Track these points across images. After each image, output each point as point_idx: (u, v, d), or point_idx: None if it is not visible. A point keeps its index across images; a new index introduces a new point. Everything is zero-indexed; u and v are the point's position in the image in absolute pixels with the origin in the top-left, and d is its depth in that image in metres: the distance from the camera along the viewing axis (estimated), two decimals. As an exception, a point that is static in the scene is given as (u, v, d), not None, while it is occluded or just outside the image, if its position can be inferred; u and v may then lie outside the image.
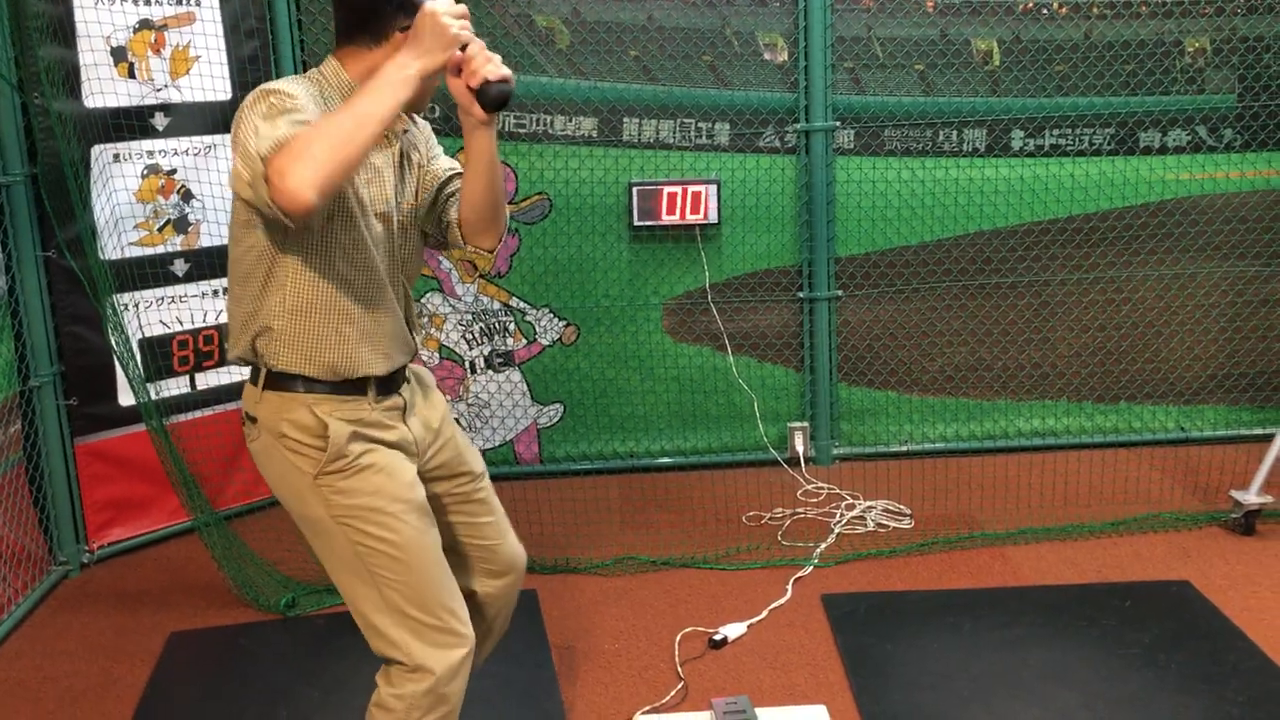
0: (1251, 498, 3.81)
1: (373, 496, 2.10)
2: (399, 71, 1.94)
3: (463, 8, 2.00)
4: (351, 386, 2.14)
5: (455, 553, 2.39)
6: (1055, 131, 4.54)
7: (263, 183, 1.85)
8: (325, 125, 1.88)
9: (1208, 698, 2.86)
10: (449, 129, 4.37)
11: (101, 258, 3.69)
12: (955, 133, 4.54)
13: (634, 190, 4.41)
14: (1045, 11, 4.46)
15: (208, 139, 4.06)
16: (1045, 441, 4.72)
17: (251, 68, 4.12)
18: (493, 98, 2.03)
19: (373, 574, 2.12)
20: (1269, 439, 3.93)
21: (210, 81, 4.03)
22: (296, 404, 2.10)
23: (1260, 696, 2.86)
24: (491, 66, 2.01)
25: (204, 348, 4.13)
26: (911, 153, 4.54)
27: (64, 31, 3.66)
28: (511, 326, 4.58)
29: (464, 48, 2.02)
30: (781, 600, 3.48)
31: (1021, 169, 4.55)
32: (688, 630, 3.31)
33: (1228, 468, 4.26)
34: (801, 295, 4.59)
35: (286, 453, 2.11)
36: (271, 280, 2.08)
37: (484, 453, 4.65)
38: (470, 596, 2.41)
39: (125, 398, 3.91)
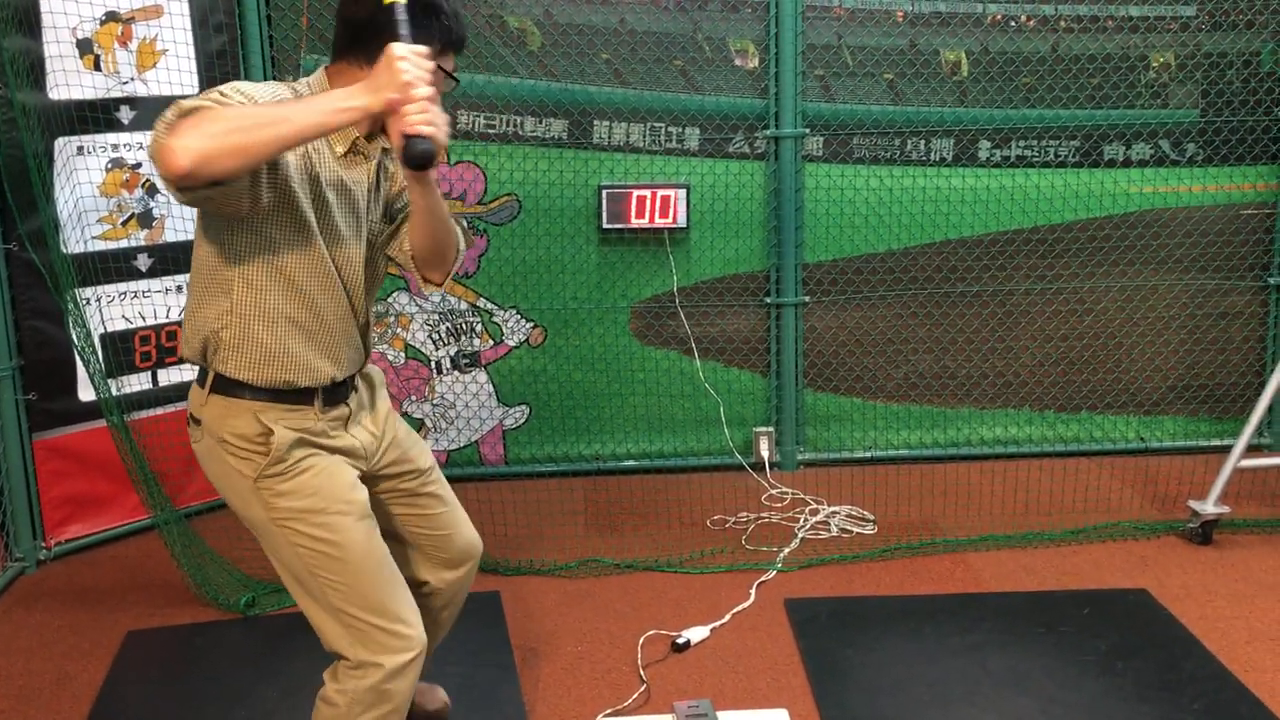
0: (1209, 508, 3.86)
1: (312, 498, 2.11)
2: (342, 99, 1.89)
3: (428, 62, 1.92)
4: (298, 395, 2.14)
5: (408, 544, 2.41)
6: (1021, 143, 4.59)
7: (156, 145, 1.81)
8: (237, 110, 1.84)
9: (1163, 705, 2.90)
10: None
11: (64, 251, 3.65)
12: (923, 142, 4.57)
13: (604, 193, 4.41)
14: (1013, 24, 4.51)
15: (174, 133, 4.02)
16: (1007, 450, 4.76)
17: (219, 63, 4.09)
18: (412, 155, 1.92)
19: (313, 575, 2.12)
20: (1226, 450, 3.98)
21: (177, 76, 3.99)
22: (241, 409, 2.10)
23: (1214, 705, 2.90)
24: (420, 119, 1.89)
25: (166, 344, 4.09)
26: (880, 161, 4.57)
27: (29, 22, 3.61)
28: (479, 327, 4.56)
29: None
30: (745, 604, 3.49)
31: (988, 179, 4.60)
32: (651, 633, 3.31)
33: (1186, 478, 4.32)
34: (769, 301, 4.61)
35: (228, 456, 2.12)
36: (225, 286, 2.08)
37: (449, 453, 4.64)
38: (422, 586, 2.43)
39: (85, 393, 3.86)
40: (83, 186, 3.82)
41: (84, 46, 3.78)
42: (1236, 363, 4.77)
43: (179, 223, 4.06)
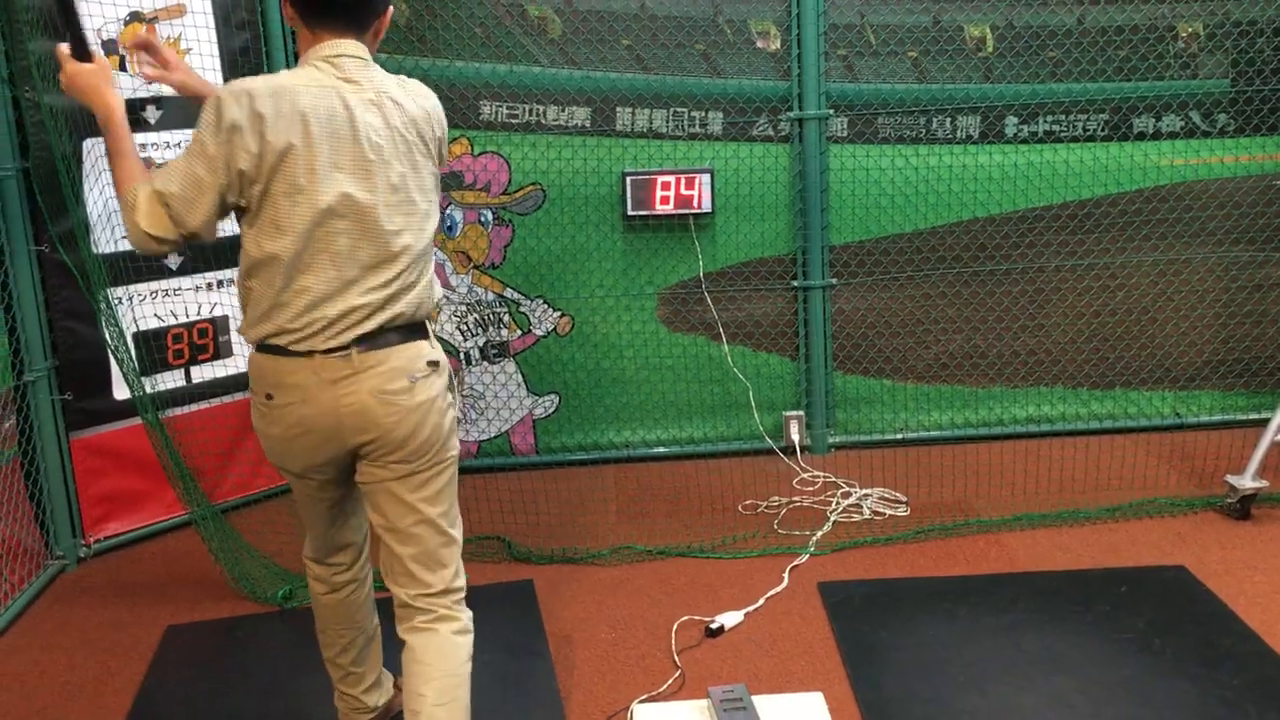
0: (1247, 482, 3.82)
1: None
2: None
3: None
4: None
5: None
6: (1049, 118, 4.54)
7: None
8: None
9: (1202, 682, 2.87)
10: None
11: (95, 251, 3.68)
12: (949, 120, 4.53)
13: (627, 179, 4.40)
14: (1038, -3, 4.46)
15: (200, 132, 4.04)
16: (1040, 428, 4.72)
17: (243, 60, 4.11)
18: None
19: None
20: (1263, 423, 3.94)
21: (202, 74, 4.00)
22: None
23: (1254, 680, 2.87)
24: None
25: (199, 341, 4.12)
26: (905, 140, 4.53)
27: (54, 24, 3.64)
28: (506, 317, 4.58)
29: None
30: (778, 588, 3.49)
31: (1015, 155, 4.55)
32: (684, 619, 3.31)
33: (1223, 452, 4.27)
34: (796, 284, 4.59)
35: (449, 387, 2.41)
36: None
37: (480, 444, 4.66)
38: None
39: (120, 392, 3.90)
40: (112, 187, 3.85)
41: (109, 47, 3.80)
42: (1272, 335, 4.71)
43: (207, 220, 4.08)
